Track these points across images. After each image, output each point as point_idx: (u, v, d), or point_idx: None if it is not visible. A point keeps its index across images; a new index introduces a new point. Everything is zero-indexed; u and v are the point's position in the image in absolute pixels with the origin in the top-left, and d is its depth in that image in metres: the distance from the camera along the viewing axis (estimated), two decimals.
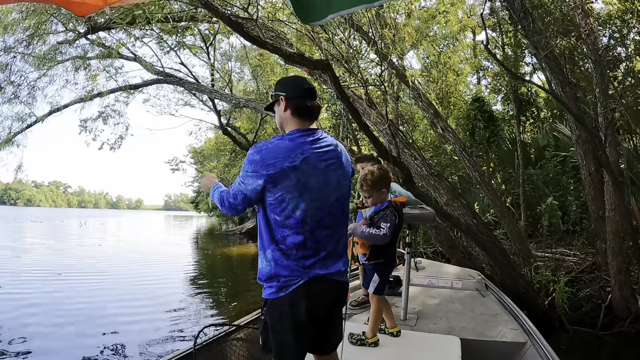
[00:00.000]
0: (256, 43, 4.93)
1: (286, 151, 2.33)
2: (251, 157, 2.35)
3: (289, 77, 2.93)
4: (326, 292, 2.42)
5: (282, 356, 2.36)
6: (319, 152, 2.43)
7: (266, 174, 2.29)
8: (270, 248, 2.36)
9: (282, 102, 2.52)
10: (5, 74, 10.12)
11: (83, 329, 7.39)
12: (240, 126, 20.70)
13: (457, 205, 7.35)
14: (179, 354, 3.56)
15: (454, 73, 17.71)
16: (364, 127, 5.77)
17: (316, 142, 2.46)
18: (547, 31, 7.81)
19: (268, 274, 2.36)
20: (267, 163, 2.29)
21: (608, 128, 7.13)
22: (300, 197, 2.32)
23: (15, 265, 14.46)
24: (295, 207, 2.32)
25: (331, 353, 2.65)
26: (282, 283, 2.32)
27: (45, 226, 41.91)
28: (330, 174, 2.45)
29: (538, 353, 3.76)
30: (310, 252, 2.35)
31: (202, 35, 13.96)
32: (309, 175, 2.35)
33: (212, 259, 19.77)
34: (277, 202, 2.32)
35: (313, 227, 2.35)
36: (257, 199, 2.38)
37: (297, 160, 2.32)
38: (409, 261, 4.58)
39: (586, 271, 8.54)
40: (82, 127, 13.27)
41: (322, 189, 2.41)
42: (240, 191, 2.38)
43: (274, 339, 2.34)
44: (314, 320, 2.39)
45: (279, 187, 2.30)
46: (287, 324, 2.31)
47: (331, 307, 2.50)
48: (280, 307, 2.32)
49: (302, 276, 2.31)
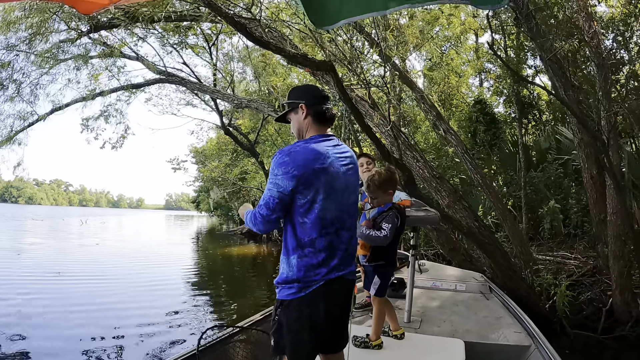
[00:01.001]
0: (259, 43, 4.92)
1: (315, 153, 2.39)
2: (280, 159, 2.35)
3: (305, 86, 3.04)
4: (342, 292, 2.50)
5: (296, 356, 2.38)
6: (340, 157, 2.50)
7: (298, 175, 2.30)
8: (296, 254, 2.38)
9: (303, 109, 2.56)
10: (8, 72, 10.12)
11: (84, 329, 7.37)
12: (242, 125, 20.71)
13: (459, 207, 7.34)
14: (183, 355, 3.56)
15: (456, 75, 17.71)
16: (367, 129, 5.77)
17: (336, 147, 2.54)
18: (551, 34, 7.80)
19: (290, 277, 2.38)
20: (298, 164, 2.32)
21: (611, 131, 7.11)
22: (328, 198, 2.37)
23: (14, 264, 14.48)
24: (324, 209, 2.36)
25: (338, 353, 2.68)
26: (303, 284, 2.35)
27: (45, 224, 41.93)
28: (348, 178, 2.53)
29: (542, 356, 3.74)
30: (334, 253, 2.41)
31: (204, 35, 13.99)
32: (335, 178, 2.42)
33: (213, 259, 19.79)
34: (308, 203, 2.35)
35: (338, 228, 2.43)
36: (289, 203, 2.37)
37: (326, 163, 2.39)
38: (414, 263, 4.56)
39: (587, 275, 8.52)
40: (84, 126, 13.32)
41: (344, 192, 2.49)
42: (272, 197, 2.35)
43: (290, 339, 2.36)
44: (330, 320, 2.45)
45: (310, 188, 2.33)
46: (305, 324, 2.34)
47: (345, 306, 2.57)
48: (299, 308, 2.35)
49: (323, 277, 2.36)
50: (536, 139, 15.30)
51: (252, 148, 20.22)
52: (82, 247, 21.48)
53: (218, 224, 47.28)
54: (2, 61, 9.93)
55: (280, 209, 2.35)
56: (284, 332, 2.38)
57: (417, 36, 12.33)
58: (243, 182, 26.50)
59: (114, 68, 11.97)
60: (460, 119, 16.96)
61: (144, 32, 11.70)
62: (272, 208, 2.35)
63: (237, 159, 27.12)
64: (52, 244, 22.82)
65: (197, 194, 50.10)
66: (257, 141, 20.81)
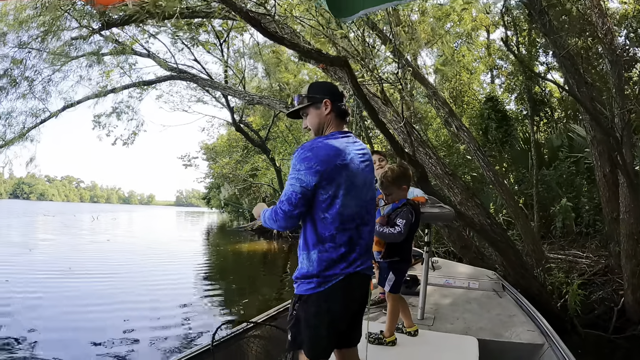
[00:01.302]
0: (274, 39, 4.92)
1: (336, 149, 2.41)
2: (303, 155, 2.37)
3: (326, 83, 2.97)
4: (360, 287, 2.51)
5: (314, 351, 2.42)
6: (358, 153, 2.53)
7: (322, 170, 2.33)
8: (317, 249, 2.39)
9: (328, 105, 2.58)
10: (20, 69, 10.17)
11: (97, 324, 7.39)
12: (253, 121, 20.74)
13: (471, 204, 7.30)
14: (197, 350, 3.59)
15: (467, 72, 17.65)
16: (381, 125, 5.75)
17: (355, 144, 2.57)
18: (564, 30, 7.75)
19: (310, 273, 2.40)
20: (321, 159, 2.34)
21: (624, 129, 7.05)
22: (349, 194, 2.40)
23: (26, 259, 14.57)
24: (345, 204, 2.38)
25: (353, 348, 2.71)
26: (323, 279, 2.37)
27: (57, 220, 42.17)
28: (366, 174, 2.56)
29: (555, 355, 3.73)
30: (354, 248, 2.42)
31: (215, 32, 14.01)
32: (355, 174, 2.45)
33: (224, 256, 19.81)
34: (330, 199, 2.37)
35: (359, 223, 2.46)
36: (311, 198, 2.38)
37: (347, 159, 2.41)
38: (427, 260, 4.57)
39: (599, 274, 8.46)
40: (95, 123, 13.40)
41: (363, 188, 2.51)
42: (294, 192, 2.35)
43: (308, 334, 2.40)
44: (348, 315, 2.49)
45: (332, 184, 2.36)
46: (324, 318, 2.37)
47: (362, 301, 2.58)
48: (317, 302, 2.38)
49: (343, 272, 2.38)
50: (548, 136, 15.22)
51: (263, 144, 20.27)
52: (93, 244, 21.56)
53: (229, 221, 47.35)
54: (15, 58, 9.98)
55: (302, 204, 2.36)
56: (301, 327, 2.41)
57: (429, 32, 12.29)
58: (254, 178, 26.58)
59: (126, 65, 12.03)
60: (471, 116, 16.93)
61: (155, 29, 11.75)
62: (294, 203, 2.36)
63: (248, 156, 27.18)
64: (63, 240, 22.95)
65: (208, 191, 50.20)
66: (268, 138, 20.87)
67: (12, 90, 10.23)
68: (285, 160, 21.31)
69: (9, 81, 9.98)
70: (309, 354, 2.42)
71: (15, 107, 10.73)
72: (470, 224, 7.14)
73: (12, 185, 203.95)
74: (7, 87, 10.04)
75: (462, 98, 17.77)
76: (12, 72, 10.05)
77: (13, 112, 10.71)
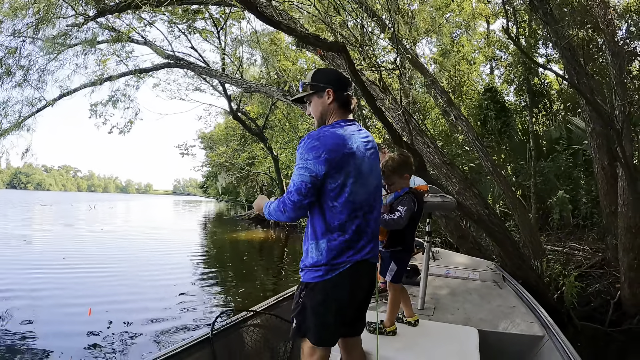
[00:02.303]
0: (270, 23, 4.87)
1: (343, 138, 2.40)
2: (310, 144, 2.35)
3: (331, 70, 2.93)
4: (367, 275, 2.50)
5: (320, 338, 2.43)
6: (364, 141, 2.53)
7: (330, 159, 2.31)
8: (326, 238, 2.38)
9: (330, 94, 2.55)
10: (15, 58, 10.07)
11: (94, 315, 7.28)
12: (250, 110, 20.69)
13: (469, 194, 7.26)
14: (196, 339, 3.60)
15: (466, 62, 17.61)
16: (379, 112, 5.70)
17: (360, 132, 2.56)
18: (566, 20, 7.69)
19: (319, 262, 2.38)
20: (329, 148, 2.32)
21: (625, 121, 7.00)
22: (357, 182, 2.39)
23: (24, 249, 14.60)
24: (353, 192, 2.38)
25: (357, 337, 2.74)
26: (331, 267, 2.36)
27: (54, 210, 42.16)
28: (372, 162, 2.56)
29: (555, 347, 3.72)
30: (361, 236, 2.43)
31: (213, 19, 13.91)
32: (361, 162, 2.44)
33: (221, 244, 19.85)
34: (339, 187, 2.35)
35: (366, 211, 2.45)
36: (320, 188, 2.36)
37: (354, 147, 2.41)
38: (429, 250, 4.56)
39: (596, 266, 8.48)
40: (92, 111, 13.31)
41: (369, 175, 2.51)
42: (303, 182, 2.32)
43: (315, 321, 2.40)
44: (355, 303, 2.51)
45: (341, 172, 2.34)
46: (331, 306, 2.38)
47: (369, 289, 2.58)
48: (324, 290, 2.38)
49: (350, 259, 2.37)
50: (547, 128, 15.22)
51: (261, 133, 20.24)
52: (91, 233, 21.50)
53: (226, 209, 47.43)
54: (10, 47, 9.88)
55: (312, 193, 2.34)
56: (307, 314, 2.41)
57: (428, 21, 12.23)
58: (251, 167, 26.56)
59: (122, 53, 11.93)
60: (470, 107, 16.91)
61: (152, 17, 11.64)
62: (304, 193, 2.33)
63: (245, 144, 27.17)
64: (60, 229, 22.94)
65: (205, 179, 50.29)
66: (265, 126, 20.82)
67: (8, 79, 10.14)
68: (283, 149, 21.32)
69: (4, 70, 9.89)
70: (316, 341, 2.42)
71: (11, 96, 10.66)
72: (468, 213, 7.10)
73: (9, 175, 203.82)
74: (3, 76, 9.95)
75: (461, 88, 17.75)
76: (7, 61, 9.96)
77: (9, 101, 10.63)
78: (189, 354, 3.45)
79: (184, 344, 3.47)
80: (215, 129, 31.42)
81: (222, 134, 30.26)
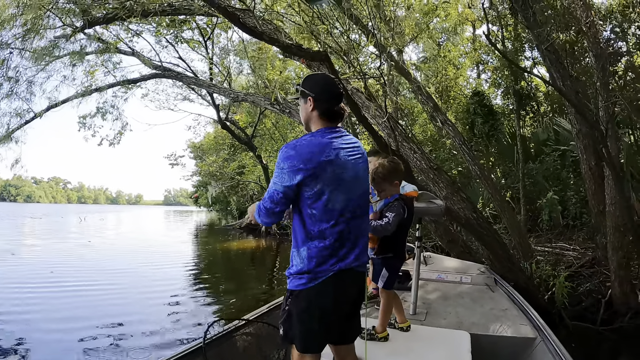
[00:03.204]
0: (253, 34, 4.90)
1: (320, 146, 2.40)
2: (286, 154, 2.38)
3: (320, 77, 2.85)
4: (353, 284, 2.51)
5: (305, 345, 2.44)
6: (347, 148, 2.52)
7: (304, 168, 2.32)
8: (306, 246, 2.41)
9: (310, 102, 2.56)
10: (2, 70, 10.02)
11: (85, 325, 7.27)
12: (239, 119, 20.70)
13: (457, 199, 7.29)
14: (189, 348, 3.58)
15: (453, 67, 17.70)
16: (363, 120, 5.74)
17: (343, 138, 2.55)
18: (549, 24, 7.76)
19: (301, 270, 2.41)
20: (304, 158, 2.34)
21: (609, 122, 7.08)
22: (337, 189, 2.40)
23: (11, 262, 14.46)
24: (333, 200, 2.39)
25: (349, 344, 2.72)
26: (313, 275, 2.37)
27: (44, 222, 41.84)
28: (358, 168, 2.55)
29: (548, 349, 3.75)
30: (344, 243, 2.42)
31: (200, 29, 13.91)
32: (343, 169, 2.44)
33: (212, 254, 19.77)
34: (316, 195, 2.36)
35: (349, 217, 2.44)
36: (294, 196, 2.41)
37: (332, 155, 2.40)
38: (419, 255, 4.57)
39: (586, 266, 8.52)
40: (81, 124, 13.23)
41: (354, 182, 2.50)
42: (276, 191, 2.38)
43: (300, 329, 2.41)
44: (339, 311, 2.48)
45: (317, 180, 2.35)
46: (314, 313, 2.39)
47: (356, 298, 2.59)
48: (308, 297, 2.39)
49: (333, 268, 2.38)
50: (534, 130, 15.30)
51: (250, 142, 20.25)
52: (81, 245, 21.29)
53: (217, 219, 47.22)
54: None
55: (284, 202, 2.40)
56: (293, 321, 2.43)
57: (414, 28, 12.29)
58: (241, 176, 26.52)
59: (110, 64, 11.87)
60: (457, 111, 17.01)
61: (139, 28, 11.62)
62: (275, 201, 2.40)
63: (235, 153, 27.14)
64: (50, 242, 22.70)
65: (196, 189, 50.07)
66: (254, 135, 20.82)
67: None
68: (272, 158, 21.27)
69: None
70: (301, 348, 2.43)
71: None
72: (456, 218, 7.14)
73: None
74: None
75: (449, 93, 17.82)
76: None
77: None
78: None
79: (176, 354, 3.46)
80: (205, 139, 31.37)
81: (211, 143, 30.22)
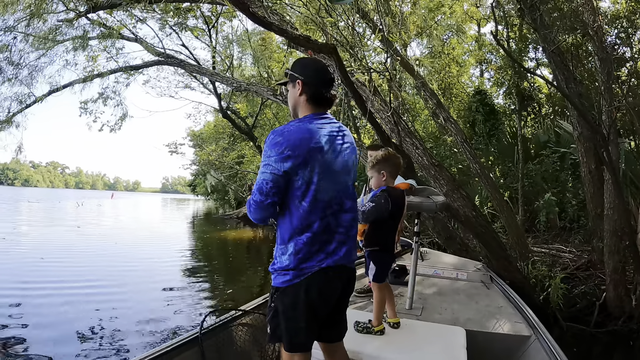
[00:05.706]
0: (262, 24, 4.87)
1: (310, 132, 2.28)
2: (274, 140, 2.23)
3: (311, 61, 2.68)
4: (340, 279, 2.40)
5: (292, 343, 2.33)
6: (336, 135, 2.40)
7: (294, 155, 2.19)
8: (293, 242, 2.28)
9: (299, 85, 2.42)
10: (5, 54, 9.98)
11: (80, 315, 7.21)
12: (240, 108, 20.64)
13: (457, 196, 7.30)
14: (185, 338, 3.57)
15: (457, 64, 17.68)
16: (368, 114, 5.73)
17: (331, 124, 2.42)
18: (555, 26, 7.75)
19: (287, 266, 2.29)
20: (292, 144, 2.21)
21: (611, 126, 7.08)
22: (325, 179, 2.28)
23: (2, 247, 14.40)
24: (321, 190, 2.26)
25: (338, 342, 2.63)
26: (299, 271, 2.27)
27: (41, 207, 41.77)
28: (346, 157, 2.44)
29: (542, 347, 3.77)
30: (332, 237, 2.32)
31: (204, 17, 13.88)
32: (332, 157, 2.33)
33: (209, 243, 19.75)
34: (305, 185, 2.24)
35: (337, 209, 2.34)
36: (285, 186, 2.25)
37: (321, 142, 2.28)
38: (417, 250, 4.57)
39: (582, 268, 8.54)
40: (82, 110, 13.19)
41: (342, 172, 2.39)
42: (265, 180, 2.23)
43: (286, 325, 2.31)
44: (326, 308, 2.38)
45: (306, 168, 2.22)
46: (300, 310, 2.27)
47: (342, 294, 2.48)
48: (293, 294, 2.27)
49: (319, 264, 2.27)
50: (535, 131, 15.31)
51: (250, 132, 20.17)
52: (76, 230, 21.28)
53: (214, 208, 47.19)
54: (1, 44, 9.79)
55: (274, 193, 2.24)
56: (280, 319, 2.32)
57: (419, 24, 12.27)
58: (240, 166, 26.50)
59: (113, 49, 11.84)
60: (459, 109, 17.01)
61: (143, 14, 11.59)
62: (265, 192, 2.25)
63: (235, 143, 27.10)
64: (46, 227, 22.76)
65: (194, 177, 50.02)
66: (255, 125, 20.76)
67: None
68: None
69: None
70: (288, 347, 2.34)
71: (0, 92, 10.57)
72: (455, 215, 7.15)
73: None
74: None
75: (451, 91, 17.80)
76: None
77: None
78: (177, 353, 3.42)
79: (172, 344, 3.45)
80: (205, 127, 31.32)
81: (211, 132, 30.17)
